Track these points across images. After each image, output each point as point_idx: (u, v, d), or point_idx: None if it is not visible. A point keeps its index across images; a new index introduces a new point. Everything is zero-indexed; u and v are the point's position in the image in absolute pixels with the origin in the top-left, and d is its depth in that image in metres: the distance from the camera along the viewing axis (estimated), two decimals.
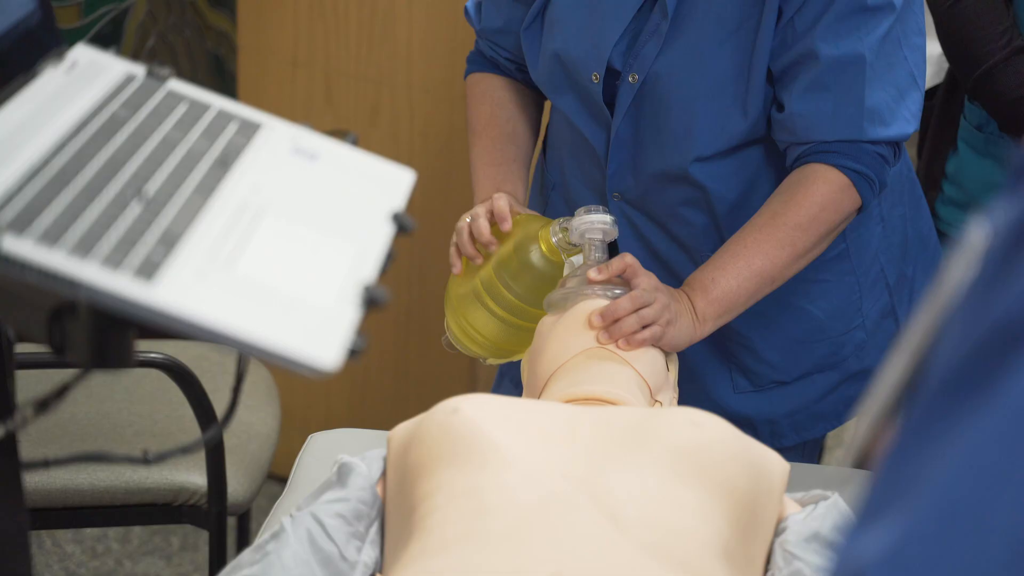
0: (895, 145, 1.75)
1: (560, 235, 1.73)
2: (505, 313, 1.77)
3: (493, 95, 1.99)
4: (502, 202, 1.78)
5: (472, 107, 2.00)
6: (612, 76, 1.80)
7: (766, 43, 1.71)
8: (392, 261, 1.02)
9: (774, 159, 1.81)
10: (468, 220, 1.79)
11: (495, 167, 1.92)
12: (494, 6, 1.95)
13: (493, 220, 1.78)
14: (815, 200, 1.72)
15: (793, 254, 1.73)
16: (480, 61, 2.02)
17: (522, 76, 1.99)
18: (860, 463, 0.69)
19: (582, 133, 1.87)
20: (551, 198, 2.01)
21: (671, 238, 1.87)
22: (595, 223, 1.70)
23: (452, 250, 1.82)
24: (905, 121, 1.73)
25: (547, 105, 2.03)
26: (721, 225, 1.83)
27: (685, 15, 1.73)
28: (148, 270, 0.89)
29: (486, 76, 2.01)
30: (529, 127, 1.99)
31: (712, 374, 1.94)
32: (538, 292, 1.75)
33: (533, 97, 2.01)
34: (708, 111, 1.75)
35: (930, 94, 2.25)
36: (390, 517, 1.45)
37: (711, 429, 1.43)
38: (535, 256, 1.74)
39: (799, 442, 2.00)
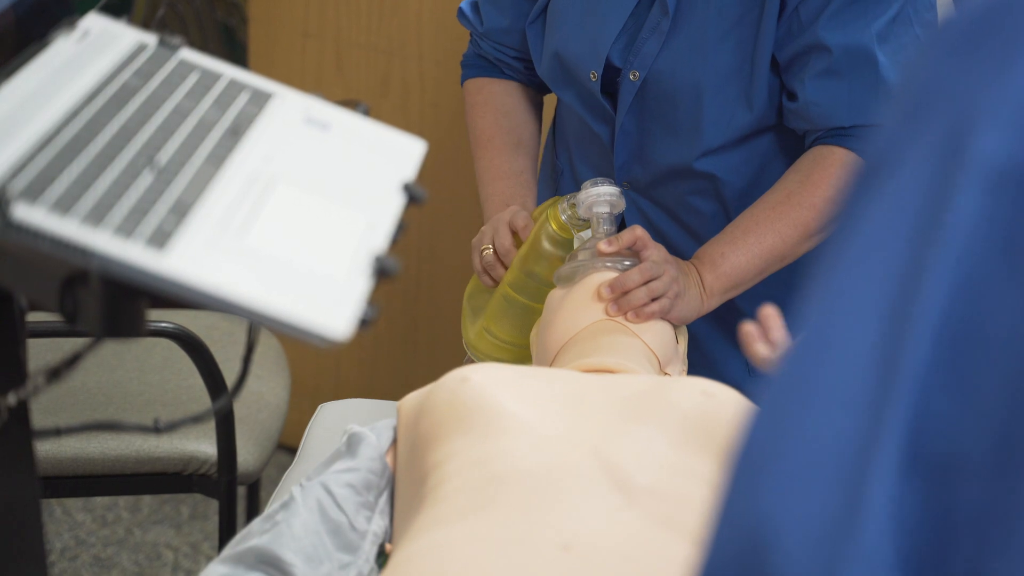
0: None
1: (569, 212, 1.73)
2: (530, 301, 1.77)
3: (496, 103, 1.97)
4: (520, 218, 1.78)
5: (474, 116, 1.98)
6: (612, 72, 1.80)
7: (769, 35, 1.70)
8: (403, 231, 1.02)
9: (783, 146, 1.81)
10: (488, 247, 1.79)
11: (503, 180, 1.90)
12: (495, 7, 1.93)
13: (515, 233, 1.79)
14: (832, 182, 1.72)
15: (805, 233, 1.72)
16: (480, 65, 2.00)
17: (527, 76, 1.97)
18: None
19: (589, 125, 1.86)
20: (560, 183, 2.00)
21: (681, 226, 1.87)
22: (602, 195, 1.70)
23: (478, 265, 1.81)
24: None
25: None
26: (731, 212, 1.83)
27: (686, 11, 1.72)
28: (160, 239, 0.89)
29: (487, 82, 1.99)
30: (534, 132, 1.98)
31: (726, 358, 1.93)
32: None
33: (535, 99, 2.00)
34: (713, 106, 1.75)
35: None
36: (400, 487, 1.45)
37: (722, 399, 1.43)
38: (547, 235, 1.74)
39: None
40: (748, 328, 1.26)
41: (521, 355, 1.80)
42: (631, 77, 1.77)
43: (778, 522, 0.57)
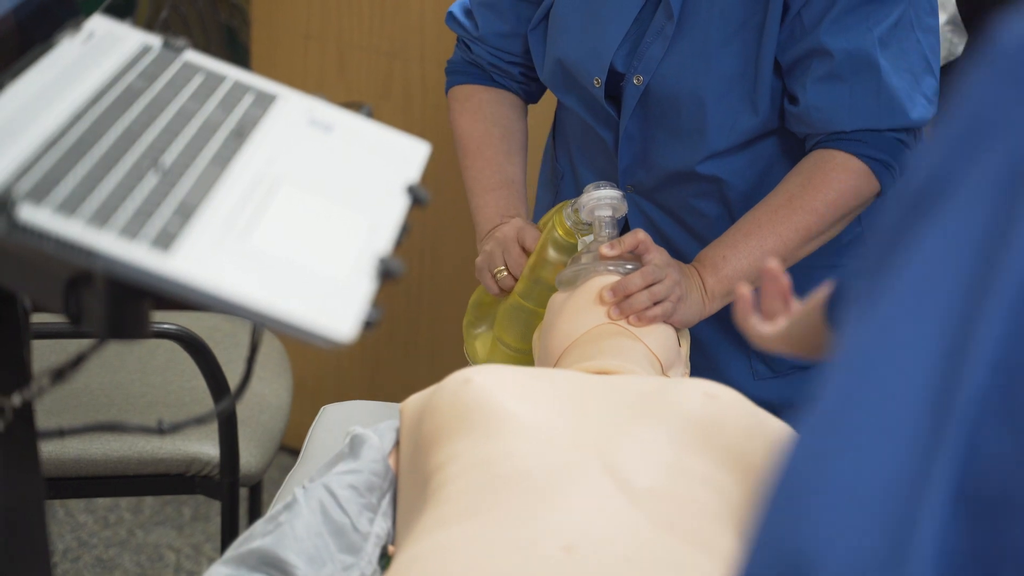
0: (915, 130, 1.75)
1: (573, 217, 1.73)
2: (538, 307, 1.77)
3: (485, 111, 1.95)
4: (528, 236, 1.78)
5: (463, 124, 1.95)
6: (615, 77, 1.79)
7: (772, 38, 1.70)
8: (407, 233, 1.02)
9: (787, 149, 1.81)
10: (503, 269, 1.78)
11: (495, 191, 1.89)
12: (493, 12, 1.91)
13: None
14: (833, 186, 1.71)
15: (807, 236, 1.73)
16: (468, 72, 1.98)
17: (521, 81, 1.96)
18: None
19: (592, 129, 1.86)
20: (561, 187, 2.00)
21: (685, 229, 1.87)
22: (604, 199, 1.70)
23: (494, 288, 1.81)
24: (923, 106, 1.72)
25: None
26: (735, 215, 1.82)
27: (690, 15, 1.72)
28: (164, 240, 0.89)
29: (477, 89, 1.97)
30: (524, 142, 1.96)
31: (730, 361, 1.93)
32: None
33: (524, 108, 1.99)
34: (717, 110, 1.75)
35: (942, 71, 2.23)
36: (403, 488, 1.45)
37: (725, 400, 1.43)
38: (554, 241, 1.74)
39: None
40: (743, 292, 1.22)
41: (533, 362, 1.80)
42: (635, 82, 1.77)
43: (821, 552, 0.57)
